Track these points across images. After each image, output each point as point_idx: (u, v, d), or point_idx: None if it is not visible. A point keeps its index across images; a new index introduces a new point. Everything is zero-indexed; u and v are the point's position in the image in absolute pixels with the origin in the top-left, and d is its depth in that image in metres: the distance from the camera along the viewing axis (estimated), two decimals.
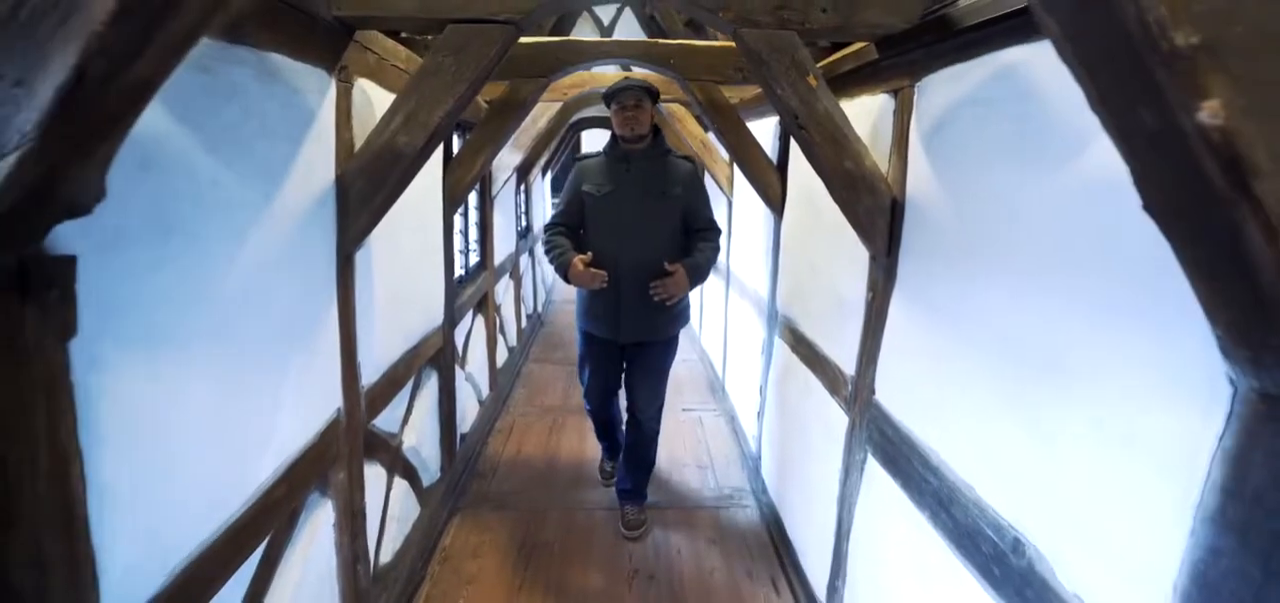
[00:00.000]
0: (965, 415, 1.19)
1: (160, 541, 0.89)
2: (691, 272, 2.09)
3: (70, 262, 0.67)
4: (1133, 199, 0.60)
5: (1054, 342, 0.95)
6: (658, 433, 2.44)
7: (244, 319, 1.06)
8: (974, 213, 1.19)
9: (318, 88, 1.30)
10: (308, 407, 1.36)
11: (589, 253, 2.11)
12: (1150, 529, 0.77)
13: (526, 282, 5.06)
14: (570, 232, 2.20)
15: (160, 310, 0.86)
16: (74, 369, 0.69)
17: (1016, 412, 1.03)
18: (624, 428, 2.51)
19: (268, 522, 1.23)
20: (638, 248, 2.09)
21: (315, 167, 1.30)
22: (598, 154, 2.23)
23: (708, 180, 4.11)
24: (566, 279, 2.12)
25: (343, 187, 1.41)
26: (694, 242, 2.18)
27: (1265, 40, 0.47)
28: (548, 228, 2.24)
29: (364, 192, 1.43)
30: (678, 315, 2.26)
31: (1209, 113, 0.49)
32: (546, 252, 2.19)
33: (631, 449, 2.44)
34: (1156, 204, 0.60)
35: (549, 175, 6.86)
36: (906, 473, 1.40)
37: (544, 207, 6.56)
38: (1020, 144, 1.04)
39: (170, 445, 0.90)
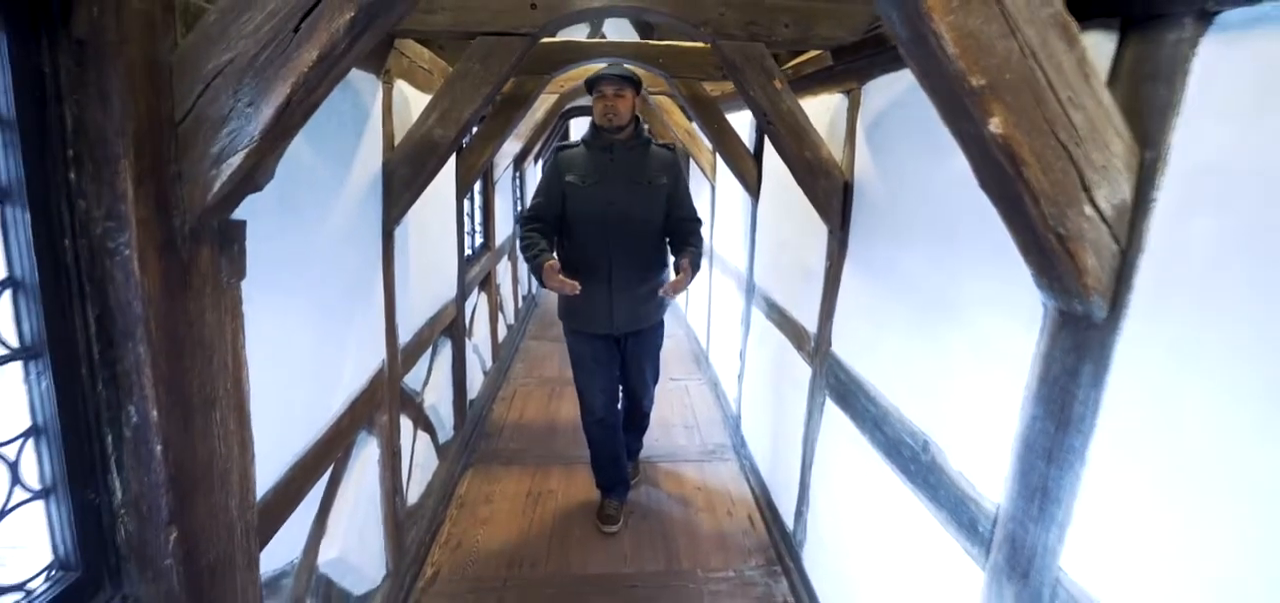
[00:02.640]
0: (893, 351, 1.52)
1: (279, 442, 1.18)
2: (693, 265, 2.11)
3: (243, 224, 0.94)
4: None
5: (949, 287, 1.28)
6: (652, 406, 2.60)
7: (327, 278, 1.34)
8: (898, 192, 1.51)
9: (370, 89, 1.57)
10: (363, 356, 1.64)
11: (562, 257, 2.05)
12: (1001, 413, 1.09)
13: (522, 263, 5.32)
14: (548, 225, 2.11)
15: (279, 267, 1.14)
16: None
17: (925, 342, 1.36)
18: (620, 425, 2.49)
19: (335, 448, 1.52)
20: (625, 238, 2.07)
21: (370, 155, 1.57)
22: (577, 144, 2.17)
23: (692, 167, 4.40)
24: (539, 280, 2.01)
25: (388, 172, 1.68)
26: (681, 233, 2.17)
27: (1023, 82, 0.78)
28: (525, 221, 2.13)
29: (405, 177, 1.70)
30: (663, 300, 2.28)
31: (994, 126, 0.80)
32: (523, 248, 2.09)
33: (629, 419, 2.56)
34: (984, 184, 0.92)
35: (540, 163, 7.08)
36: (854, 406, 1.73)
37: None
38: (926, 139, 1.35)
39: (284, 371, 1.18)
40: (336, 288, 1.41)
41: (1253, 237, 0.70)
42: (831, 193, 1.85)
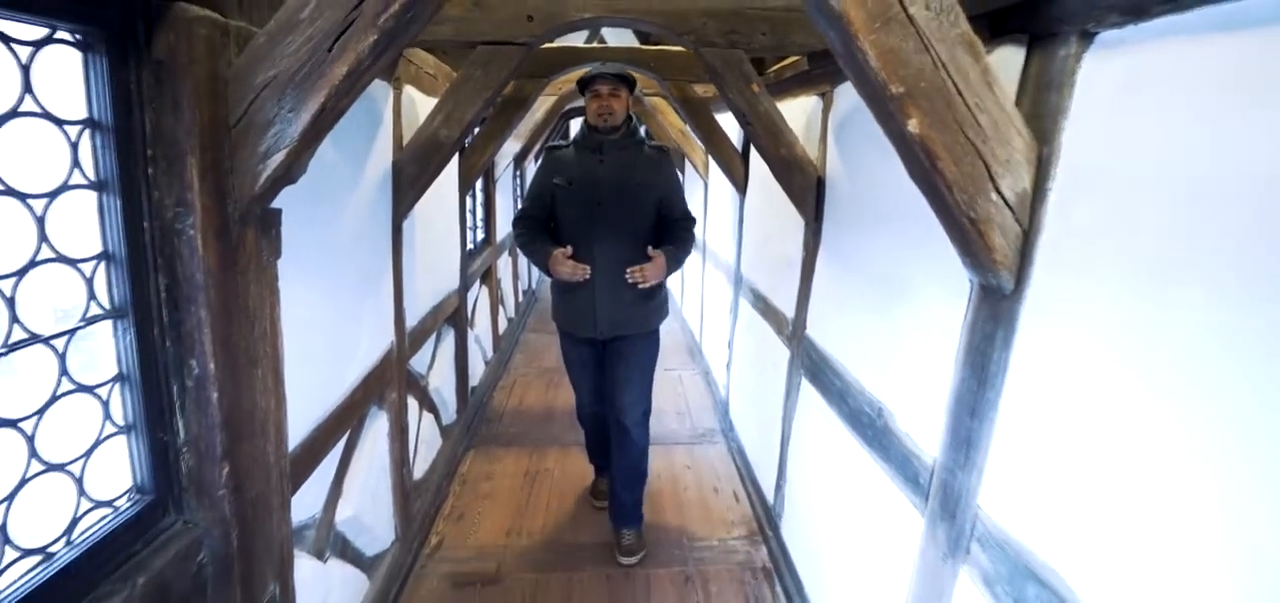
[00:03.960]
0: (856, 328, 1.68)
1: (305, 405, 1.34)
2: (670, 258, 2.04)
3: (280, 212, 1.10)
4: None
5: (899, 269, 1.43)
6: (647, 444, 2.24)
7: (344, 264, 1.51)
8: (859, 185, 1.67)
9: (382, 94, 1.73)
10: (375, 336, 1.80)
11: (568, 246, 2.01)
12: (938, 376, 1.25)
13: (522, 259, 5.48)
14: (539, 224, 2.10)
15: (306, 251, 1.30)
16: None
17: (880, 319, 1.52)
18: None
19: (350, 417, 1.68)
20: (613, 239, 2.00)
21: (381, 155, 1.73)
22: (567, 144, 2.14)
23: (686, 165, 4.55)
24: (547, 272, 2.05)
25: (397, 170, 1.84)
26: (671, 230, 2.12)
27: (936, 90, 0.94)
28: (518, 221, 2.13)
29: (413, 174, 1.86)
30: (658, 308, 2.16)
31: (913, 126, 0.95)
32: (522, 246, 2.10)
33: (621, 462, 2.22)
34: (911, 175, 1.07)
35: (539, 161, 7.24)
36: (823, 382, 1.89)
37: None
38: (878, 137, 1.50)
39: (310, 342, 1.34)
40: (353, 273, 1.57)
41: (1115, 220, 0.85)
42: (806, 188, 2.00)
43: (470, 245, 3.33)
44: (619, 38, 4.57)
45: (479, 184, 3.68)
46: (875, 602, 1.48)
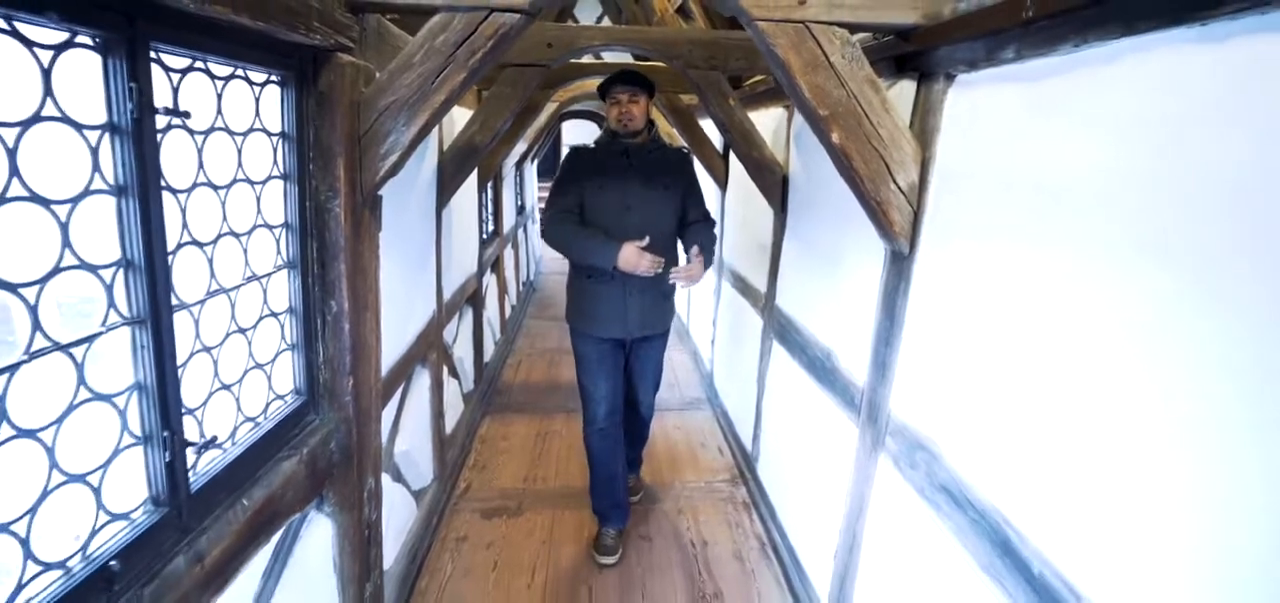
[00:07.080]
0: (811, 293, 2.11)
1: (387, 347, 1.73)
2: (706, 258, 2.07)
3: (382, 198, 1.50)
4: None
5: (840, 243, 1.87)
6: (653, 416, 2.55)
7: (410, 241, 1.90)
8: (812, 180, 2.10)
9: None
10: (424, 303, 2.20)
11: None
12: (866, 321, 1.68)
13: (522, 251, 5.86)
14: (580, 220, 2.07)
15: (394, 228, 1.69)
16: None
17: (828, 283, 1.95)
18: (622, 439, 2.41)
19: (408, 368, 2.07)
20: (641, 239, 1.99)
21: (431, 156, 2.13)
22: (591, 147, 2.17)
23: None
24: (601, 265, 2.00)
25: (442, 168, 2.24)
26: (696, 231, 2.16)
27: (850, 113, 1.37)
28: (556, 220, 2.05)
29: (452, 172, 2.26)
30: (672, 307, 2.35)
31: (835, 138, 1.38)
32: (568, 240, 2.02)
33: (628, 428, 2.48)
34: (838, 172, 1.50)
35: (535, 163, 7.62)
36: (789, 341, 2.32)
37: (533, 189, 7.34)
38: None
39: (391, 297, 1.73)
40: (414, 249, 1.97)
41: (964, 202, 1.29)
42: (773, 185, 2.44)
43: (484, 236, 3.72)
44: (615, 54, 4.97)
45: (489, 183, 4.06)
46: (826, 502, 1.91)
